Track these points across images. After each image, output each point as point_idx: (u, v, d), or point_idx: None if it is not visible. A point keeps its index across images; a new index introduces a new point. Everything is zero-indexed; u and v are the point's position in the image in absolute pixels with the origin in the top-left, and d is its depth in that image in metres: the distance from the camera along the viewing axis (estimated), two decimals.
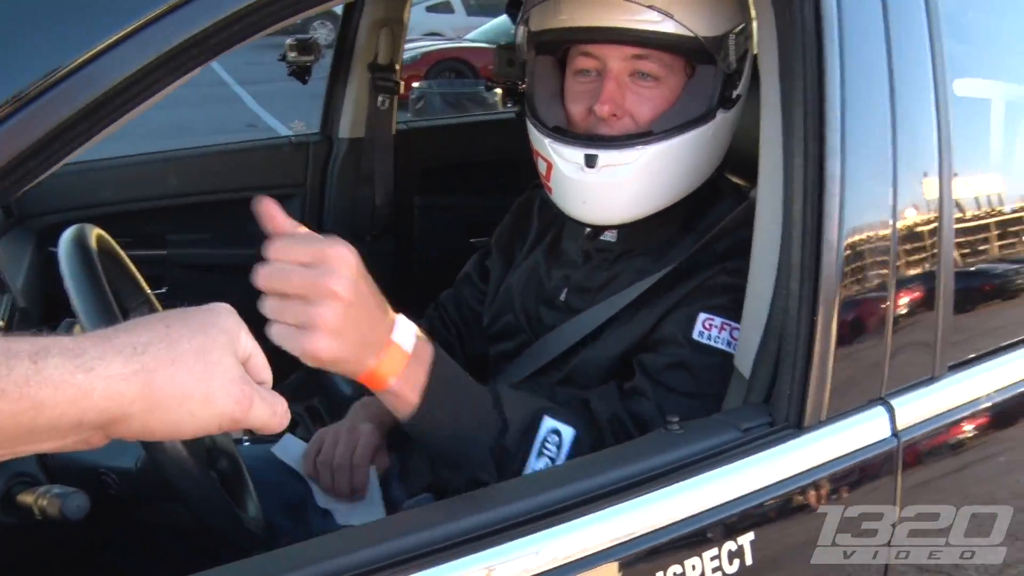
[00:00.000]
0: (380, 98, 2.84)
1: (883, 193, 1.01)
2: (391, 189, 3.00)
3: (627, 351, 1.27)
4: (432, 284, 1.99)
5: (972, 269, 1.17)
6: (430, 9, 16.45)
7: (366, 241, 3.05)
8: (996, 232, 1.16)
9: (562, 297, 1.39)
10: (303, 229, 0.85)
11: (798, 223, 0.98)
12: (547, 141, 1.26)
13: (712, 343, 1.20)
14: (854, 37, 0.98)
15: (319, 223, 3.02)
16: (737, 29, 1.24)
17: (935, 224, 1.06)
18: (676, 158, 1.23)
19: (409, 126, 3.13)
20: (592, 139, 1.24)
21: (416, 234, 3.18)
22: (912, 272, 1.05)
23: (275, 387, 0.68)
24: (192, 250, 2.84)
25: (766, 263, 1.07)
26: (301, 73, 2.73)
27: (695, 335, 1.21)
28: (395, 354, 0.90)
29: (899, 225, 1.03)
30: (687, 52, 1.24)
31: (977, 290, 1.18)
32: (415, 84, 10.55)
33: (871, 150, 1.00)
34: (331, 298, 0.80)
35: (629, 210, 1.26)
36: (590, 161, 1.21)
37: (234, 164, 2.93)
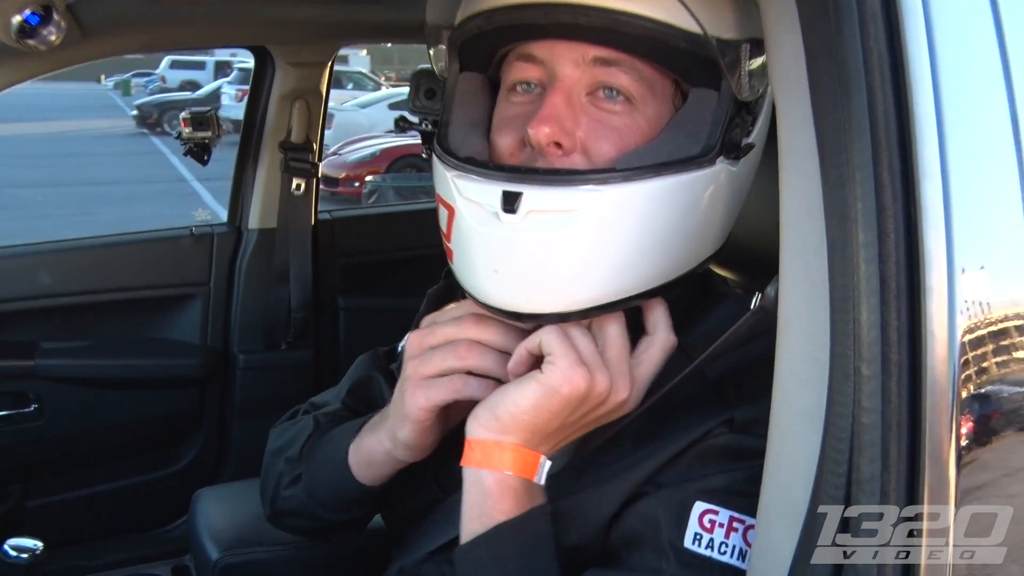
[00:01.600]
0: (295, 182, 2.42)
1: (1016, 286, 0.57)
2: (309, 288, 2.56)
3: (580, 544, 0.85)
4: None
5: None
6: (392, 107, 16.43)
7: (280, 350, 2.59)
8: None
9: None
10: None
11: (873, 347, 0.53)
12: (451, 176, 0.82)
13: (714, 554, 0.77)
14: (950, 30, 0.55)
15: (225, 328, 2.56)
16: (750, 39, 0.80)
17: None
18: (649, 215, 0.77)
19: (332, 216, 2.70)
20: (517, 170, 0.79)
21: (342, 341, 2.73)
22: None
23: None
24: (67, 360, 2.35)
25: (799, 409, 0.62)
26: (199, 152, 2.29)
27: (688, 542, 0.77)
28: (527, 461, 0.80)
29: None
30: (680, 65, 0.81)
31: None
32: (368, 178, 10.32)
33: (995, 209, 0.56)
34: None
35: (567, 290, 0.78)
36: (509, 202, 0.76)
37: (122, 259, 2.46)
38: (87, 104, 25.92)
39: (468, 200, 0.80)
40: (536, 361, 0.80)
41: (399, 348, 1.19)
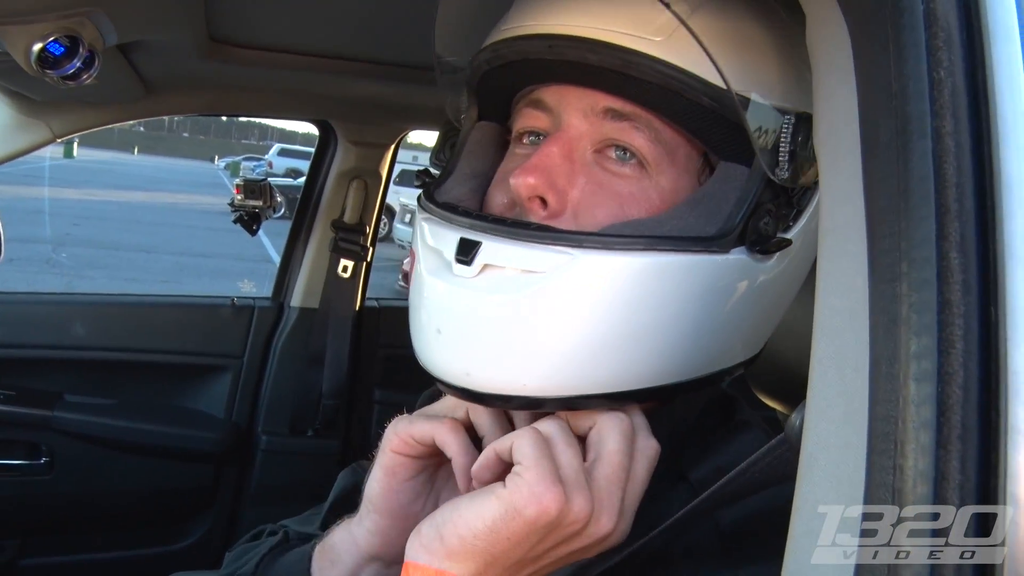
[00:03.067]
0: (342, 263, 2.34)
1: None
2: (344, 376, 2.44)
3: None
4: None
5: None
6: None
7: (306, 436, 2.47)
8: None
9: None
10: None
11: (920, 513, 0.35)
12: (421, 218, 0.73)
13: None
14: None
15: (253, 406, 2.46)
16: (800, 112, 0.66)
17: None
18: (632, 297, 0.62)
19: (380, 304, 2.60)
20: (483, 217, 0.67)
21: (372, 436, 2.57)
22: None
23: None
24: (86, 416, 2.27)
25: None
26: (249, 221, 2.25)
27: None
28: None
29: None
30: (706, 129, 0.67)
31: None
32: None
33: None
34: None
35: (514, 369, 0.64)
36: (464, 251, 0.64)
37: (160, 321, 2.41)
38: (198, 180, 27.36)
39: (428, 247, 0.69)
40: (506, 469, 0.64)
41: None
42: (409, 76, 1.81)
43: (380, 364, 2.60)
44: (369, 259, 2.40)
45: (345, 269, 2.35)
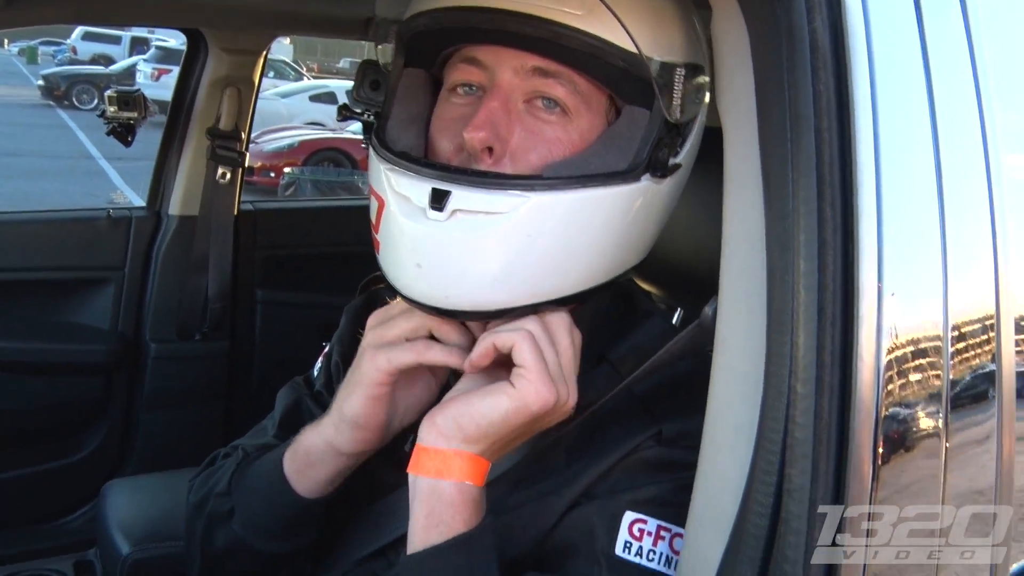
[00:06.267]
0: (220, 170, 2.37)
1: (933, 316, 0.63)
2: (228, 279, 2.51)
3: (517, 558, 0.86)
4: (274, 394, 1.53)
5: None
6: (313, 99, 16.24)
7: (194, 340, 2.53)
8: None
9: (407, 447, 0.93)
10: None
11: (809, 368, 0.57)
12: (384, 168, 0.85)
13: (642, 561, 0.80)
14: (889, 83, 0.60)
15: (138, 316, 2.49)
16: (687, 63, 0.85)
17: (991, 339, 0.69)
18: (571, 224, 0.81)
19: (256, 207, 2.65)
20: (448, 169, 0.82)
21: (257, 334, 2.68)
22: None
23: None
24: None
25: (733, 424, 0.66)
26: (124, 133, 2.23)
27: (619, 549, 0.80)
28: (481, 470, 0.80)
29: (953, 357, 0.64)
30: (616, 81, 0.85)
31: None
32: (287, 170, 10.15)
33: (918, 247, 0.62)
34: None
35: (486, 289, 0.81)
36: (437, 199, 0.79)
37: (32, 238, 2.36)
38: None
39: (398, 194, 0.82)
40: (500, 357, 0.80)
41: (314, 373, 1.18)
42: None
43: (259, 265, 2.67)
44: (245, 164, 2.44)
45: (223, 175, 2.38)
